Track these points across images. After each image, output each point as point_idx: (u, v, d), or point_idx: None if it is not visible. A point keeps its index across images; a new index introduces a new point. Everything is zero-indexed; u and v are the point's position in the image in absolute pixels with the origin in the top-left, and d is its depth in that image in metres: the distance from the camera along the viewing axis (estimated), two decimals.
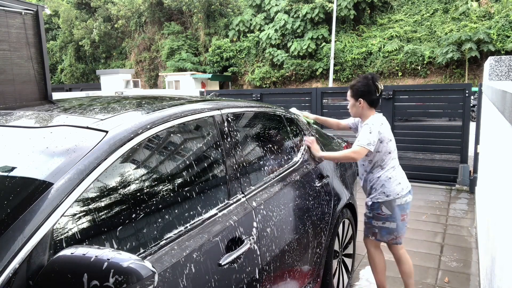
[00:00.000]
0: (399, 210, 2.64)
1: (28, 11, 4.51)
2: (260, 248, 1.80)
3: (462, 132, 5.93)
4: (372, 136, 2.57)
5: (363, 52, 21.62)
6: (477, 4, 20.16)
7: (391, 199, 2.62)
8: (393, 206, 2.63)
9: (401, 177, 2.69)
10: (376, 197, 2.67)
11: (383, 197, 2.65)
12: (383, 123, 2.67)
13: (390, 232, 2.67)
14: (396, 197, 2.62)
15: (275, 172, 2.21)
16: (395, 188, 2.63)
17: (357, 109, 2.75)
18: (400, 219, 2.65)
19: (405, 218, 2.69)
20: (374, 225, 2.71)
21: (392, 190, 2.63)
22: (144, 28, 29.31)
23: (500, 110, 2.14)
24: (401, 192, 2.64)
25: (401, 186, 2.65)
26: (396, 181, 2.65)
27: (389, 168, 2.67)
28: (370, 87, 2.68)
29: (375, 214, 2.69)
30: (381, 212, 2.66)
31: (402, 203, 2.64)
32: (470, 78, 19.02)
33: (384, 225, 2.67)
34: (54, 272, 1.00)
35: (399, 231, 2.67)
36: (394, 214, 2.64)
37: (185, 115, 1.70)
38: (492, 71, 3.90)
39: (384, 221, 2.66)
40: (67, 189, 1.16)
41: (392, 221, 2.65)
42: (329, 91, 7.14)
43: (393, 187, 2.63)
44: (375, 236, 2.73)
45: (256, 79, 23.84)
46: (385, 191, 2.64)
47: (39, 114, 1.65)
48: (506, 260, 1.53)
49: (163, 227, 1.41)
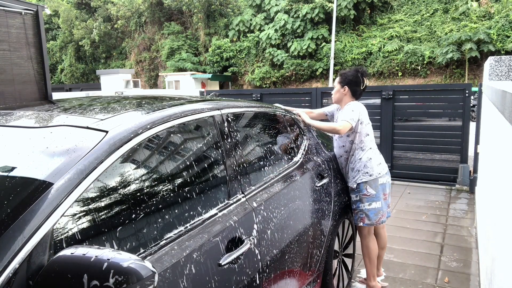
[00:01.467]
0: (381, 189, 2.84)
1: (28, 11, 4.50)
2: (260, 248, 1.80)
3: (462, 132, 5.93)
4: (354, 114, 2.79)
5: (363, 52, 21.62)
6: (477, 4, 20.15)
7: (374, 178, 2.81)
8: (377, 185, 2.82)
9: (380, 158, 2.91)
10: (360, 178, 2.83)
11: (367, 177, 2.82)
12: (362, 106, 2.89)
13: (377, 212, 2.84)
14: (378, 176, 2.82)
15: (275, 172, 2.21)
16: (377, 168, 2.83)
17: (340, 95, 2.95)
18: (383, 198, 2.85)
19: (387, 197, 2.90)
20: (361, 209, 2.85)
21: (374, 169, 2.82)
22: (144, 28, 29.31)
23: (500, 110, 2.14)
24: (382, 171, 2.85)
25: (381, 166, 2.87)
26: (377, 161, 2.86)
27: (367, 149, 2.87)
28: (358, 79, 2.89)
29: (361, 196, 2.84)
30: (366, 193, 2.82)
31: (384, 182, 2.85)
32: (470, 78, 19.02)
33: (370, 207, 2.83)
34: (54, 272, 1.00)
35: (383, 209, 2.86)
36: (378, 193, 2.82)
37: (185, 115, 1.70)
38: (492, 71, 3.90)
39: (370, 202, 2.82)
40: (67, 189, 1.16)
41: (377, 200, 2.82)
42: (329, 91, 7.14)
43: (375, 167, 2.83)
44: (363, 221, 2.87)
45: (256, 79, 23.83)
46: (367, 171, 2.82)
47: (39, 114, 1.65)
48: (506, 260, 1.53)
49: (163, 227, 1.41)
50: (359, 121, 2.81)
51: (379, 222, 2.88)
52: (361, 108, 2.85)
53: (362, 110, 2.85)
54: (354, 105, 2.84)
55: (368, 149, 2.87)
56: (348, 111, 2.81)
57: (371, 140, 2.90)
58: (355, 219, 2.94)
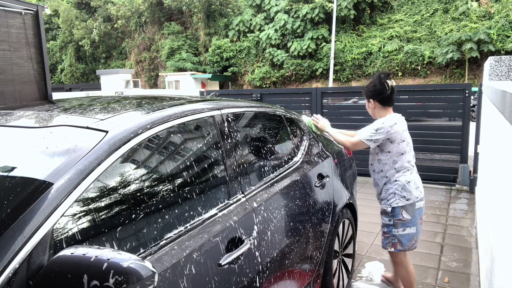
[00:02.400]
0: (418, 214, 2.61)
1: (28, 11, 4.50)
2: (260, 248, 1.80)
3: (462, 132, 5.93)
4: (377, 134, 2.55)
5: (363, 52, 21.62)
6: (477, 4, 20.16)
7: (411, 202, 2.57)
8: (414, 209, 2.58)
9: (419, 181, 2.66)
10: (396, 202, 2.60)
11: (404, 201, 2.58)
12: (397, 123, 2.58)
13: (411, 238, 2.62)
14: (416, 201, 2.58)
15: (275, 172, 2.21)
16: (415, 192, 2.59)
17: (371, 110, 2.76)
18: (419, 223, 2.63)
19: (422, 222, 2.68)
20: (394, 234, 2.63)
21: (413, 193, 2.58)
22: (144, 28, 29.32)
23: (500, 110, 2.14)
24: (420, 195, 2.61)
25: (419, 189, 2.63)
26: (415, 185, 2.61)
27: (405, 171, 2.61)
28: (379, 86, 2.64)
29: (395, 221, 2.62)
30: (402, 218, 2.59)
31: (421, 206, 2.62)
32: (470, 78, 19.03)
33: (404, 232, 2.61)
34: (54, 272, 1.00)
35: (418, 235, 2.65)
36: (414, 218, 2.59)
37: (185, 115, 1.70)
38: (492, 71, 3.89)
39: (404, 227, 2.60)
40: (67, 189, 1.16)
41: (412, 225, 2.60)
42: (329, 91, 7.14)
43: (413, 191, 2.58)
44: (394, 246, 2.66)
45: (256, 79, 23.83)
46: (405, 195, 2.58)
47: (39, 114, 1.65)
48: (506, 260, 1.53)
49: (163, 227, 1.41)
50: (389, 141, 2.58)
51: (412, 248, 2.66)
52: (392, 127, 2.54)
53: (394, 128, 2.54)
54: (382, 122, 2.57)
55: (405, 170, 2.61)
56: (370, 128, 2.59)
57: (408, 161, 2.62)
58: (384, 243, 2.72)
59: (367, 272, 3.42)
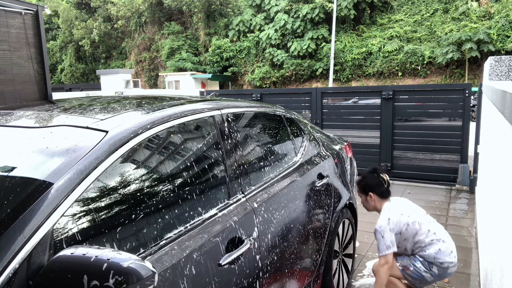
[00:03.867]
0: (446, 275, 2.60)
1: (28, 11, 4.50)
2: (260, 248, 1.80)
3: (462, 132, 5.93)
4: (385, 239, 2.54)
5: (363, 52, 21.62)
6: (477, 4, 20.15)
7: (445, 266, 2.55)
8: (445, 271, 2.56)
9: (450, 245, 2.59)
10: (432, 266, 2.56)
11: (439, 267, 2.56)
12: (390, 217, 2.59)
13: (422, 280, 2.60)
14: (450, 266, 2.55)
15: (275, 172, 2.21)
16: (449, 258, 2.54)
17: (369, 203, 2.78)
18: (437, 279, 2.60)
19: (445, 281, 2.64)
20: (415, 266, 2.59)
21: (446, 260, 2.53)
22: (144, 28, 29.32)
23: (500, 110, 2.14)
24: (454, 260, 2.56)
25: (453, 254, 2.57)
26: (448, 250, 2.56)
27: (430, 242, 2.57)
28: (376, 180, 2.72)
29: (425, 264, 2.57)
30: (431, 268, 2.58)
31: (453, 271, 2.58)
32: (470, 78, 19.02)
33: (421, 273, 2.58)
34: (54, 272, 1.00)
35: (427, 283, 2.63)
36: (439, 276, 2.58)
37: (185, 115, 1.70)
38: (492, 71, 3.89)
39: (427, 273, 2.57)
40: (67, 189, 1.16)
41: (432, 277, 2.58)
42: (329, 91, 7.14)
43: (446, 257, 2.54)
44: (405, 269, 2.63)
45: (256, 79, 23.83)
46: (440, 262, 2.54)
47: (39, 114, 1.65)
48: (506, 260, 1.53)
49: (163, 227, 1.41)
50: (396, 234, 2.58)
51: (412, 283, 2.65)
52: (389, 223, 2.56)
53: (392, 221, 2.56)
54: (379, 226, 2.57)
55: (431, 241, 2.56)
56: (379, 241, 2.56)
57: (426, 236, 2.57)
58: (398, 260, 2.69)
59: (368, 272, 3.41)
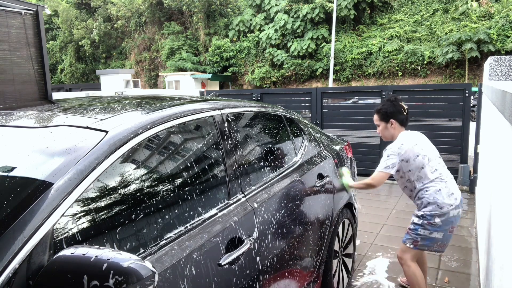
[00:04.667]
0: (451, 222, 2.57)
1: (28, 11, 4.50)
2: (260, 248, 1.80)
3: (462, 132, 5.93)
4: (390, 159, 2.61)
5: (363, 52, 21.62)
6: (477, 4, 20.15)
7: (445, 211, 2.54)
8: (447, 217, 2.55)
9: (452, 187, 2.60)
10: (429, 210, 2.58)
11: (437, 210, 2.56)
12: (404, 143, 2.63)
13: (434, 241, 2.59)
14: (450, 209, 2.55)
15: (275, 172, 2.21)
16: (448, 199, 2.55)
17: (389, 131, 2.79)
18: (448, 230, 2.59)
19: (453, 230, 2.62)
20: (419, 233, 2.60)
21: (445, 201, 2.55)
22: (144, 28, 29.31)
23: (500, 110, 2.14)
24: (455, 202, 2.56)
25: (454, 196, 2.58)
26: (449, 192, 2.57)
27: (432, 180, 2.60)
28: (397, 107, 2.75)
29: (425, 224, 2.59)
30: (432, 222, 2.57)
31: (455, 214, 2.57)
32: (470, 78, 19.02)
33: (430, 235, 2.58)
34: (54, 272, 1.00)
35: (444, 241, 2.60)
36: (444, 225, 2.56)
37: (185, 115, 1.70)
38: (492, 71, 3.89)
39: (432, 231, 2.57)
40: (67, 189, 1.16)
41: (440, 231, 2.57)
42: (329, 91, 7.14)
43: (446, 198, 2.55)
44: (415, 244, 2.63)
45: (256, 79, 23.83)
46: (438, 203, 2.55)
47: (39, 114, 1.65)
48: (506, 260, 1.53)
49: (163, 227, 1.41)
50: (404, 161, 2.62)
51: (432, 250, 2.66)
52: (401, 147, 2.62)
53: (404, 148, 2.61)
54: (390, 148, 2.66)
55: (433, 179, 2.60)
56: (383, 158, 2.65)
57: (431, 172, 2.61)
58: (405, 238, 2.69)
59: (368, 272, 3.41)
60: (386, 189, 5.99)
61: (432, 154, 2.66)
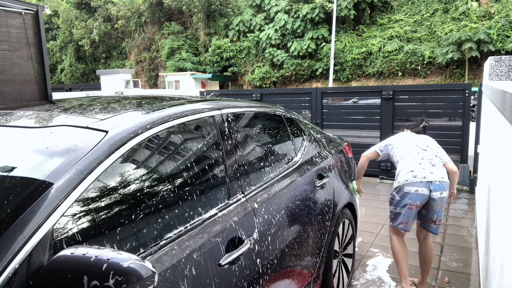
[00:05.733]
0: (406, 197, 2.84)
1: (28, 11, 4.51)
2: (260, 248, 1.80)
3: (462, 132, 5.93)
4: (381, 143, 3.32)
5: (363, 52, 21.62)
6: (477, 4, 20.15)
7: (400, 185, 2.88)
8: (402, 192, 2.87)
9: (416, 168, 2.88)
10: (394, 187, 3.00)
11: (396, 185, 2.95)
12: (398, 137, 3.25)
13: (400, 218, 2.90)
14: (404, 183, 2.85)
15: (275, 172, 2.21)
16: (405, 175, 2.87)
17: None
18: (407, 207, 2.85)
19: (413, 208, 2.85)
20: (390, 210, 3.00)
21: (401, 177, 2.89)
22: (144, 28, 29.31)
23: (500, 110, 2.14)
24: (411, 179, 2.84)
25: (412, 174, 2.86)
26: (408, 169, 2.90)
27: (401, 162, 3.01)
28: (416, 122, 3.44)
29: (390, 199, 3.01)
30: (393, 198, 2.96)
31: (411, 191, 2.82)
32: (470, 78, 19.02)
33: (395, 211, 2.94)
34: (54, 272, 1.00)
35: (406, 218, 2.88)
36: (401, 200, 2.87)
37: (185, 115, 1.70)
38: (492, 71, 3.89)
39: (395, 206, 2.93)
40: (67, 189, 1.16)
41: (400, 206, 2.88)
42: (329, 91, 7.14)
43: (403, 175, 2.89)
44: (392, 221, 3.00)
45: (256, 79, 23.83)
46: (398, 180, 2.93)
47: (39, 114, 1.65)
48: (506, 260, 1.53)
49: (163, 227, 1.41)
50: (389, 146, 3.21)
51: (399, 228, 2.94)
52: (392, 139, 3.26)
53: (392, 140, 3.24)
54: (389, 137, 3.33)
55: (401, 161, 3.01)
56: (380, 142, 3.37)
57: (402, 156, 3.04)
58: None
59: (368, 272, 3.41)
60: (386, 189, 5.99)
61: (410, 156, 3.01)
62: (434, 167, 2.89)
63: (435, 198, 2.81)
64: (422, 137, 3.19)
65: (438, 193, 2.81)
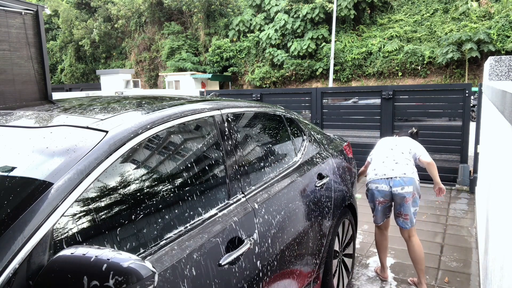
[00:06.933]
0: (371, 194, 3.15)
1: (28, 11, 4.51)
2: (260, 248, 1.80)
3: (462, 132, 5.93)
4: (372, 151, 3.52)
5: (363, 52, 21.61)
6: (477, 4, 20.14)
7: (367, 182, 3.21)
8: (368, 189, 3.18)
9: (378, 166, 3.14)
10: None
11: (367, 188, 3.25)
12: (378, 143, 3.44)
13: (375, 213, 3.19)
14: (368, 181, 3.19)
15: (275, 172, 2.21)
16: (370, 174, 3.19)
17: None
18: (376, 203, 3.12)
19: (378, 204, 3.12)
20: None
21: (368, 176, 3.21)
22: (144, 28, 29.30)
23: (500, 110, 2.14)
24: (373, 177, 3.13)
25: (374, 172, 3.14)
26: (372, 168, 3.19)
27: (371, 162, 3.29)
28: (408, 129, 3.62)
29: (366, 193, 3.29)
30: (366, 193, 3.25)
31: (373, 188, 3.11)
32: (470, 78, 19.02)
33: (369, 205, 3.25)
34: (54, 272, 1.00)
35: (376, 213, 3.17)
36: (370, 196, 3.18)
37: (185, 115, 1.70)
38: (492, 71, 3.89)
39: (369, 201, 3.23)
40: (67, 189, 1.16)
41: (370, 202, 3.20)
42: (329, 91, 7.14)
43: (369, 173, 3.20)
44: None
45: (256, 79, 23.82)
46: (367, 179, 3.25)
47: (39, 114, 1.65)
48: (506, 260, 1.53)
49: (163, 227, 1.41)
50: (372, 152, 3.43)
51: (374, 221, 3.24)
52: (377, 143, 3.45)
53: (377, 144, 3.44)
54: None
55: (372, 160, 3.30)
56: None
57: (372, 158, 3.31)
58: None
59: (368, 272, 3.41)
60: None
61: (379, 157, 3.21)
62: (396, 164, 3.08)
63: (396, 193, 3.01)
64: (398, 139, 3.34)
65: (398, 188, 2.99)
